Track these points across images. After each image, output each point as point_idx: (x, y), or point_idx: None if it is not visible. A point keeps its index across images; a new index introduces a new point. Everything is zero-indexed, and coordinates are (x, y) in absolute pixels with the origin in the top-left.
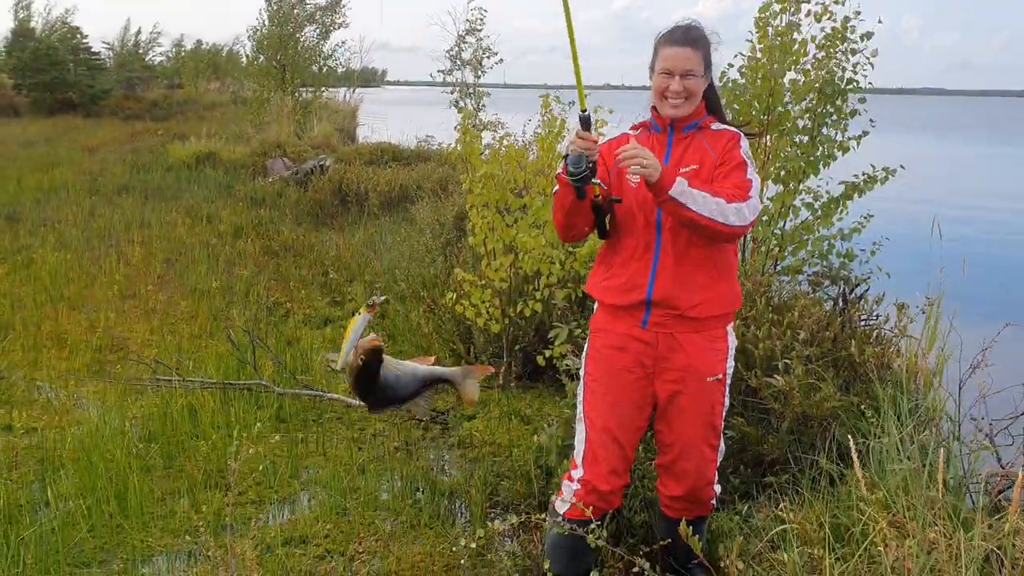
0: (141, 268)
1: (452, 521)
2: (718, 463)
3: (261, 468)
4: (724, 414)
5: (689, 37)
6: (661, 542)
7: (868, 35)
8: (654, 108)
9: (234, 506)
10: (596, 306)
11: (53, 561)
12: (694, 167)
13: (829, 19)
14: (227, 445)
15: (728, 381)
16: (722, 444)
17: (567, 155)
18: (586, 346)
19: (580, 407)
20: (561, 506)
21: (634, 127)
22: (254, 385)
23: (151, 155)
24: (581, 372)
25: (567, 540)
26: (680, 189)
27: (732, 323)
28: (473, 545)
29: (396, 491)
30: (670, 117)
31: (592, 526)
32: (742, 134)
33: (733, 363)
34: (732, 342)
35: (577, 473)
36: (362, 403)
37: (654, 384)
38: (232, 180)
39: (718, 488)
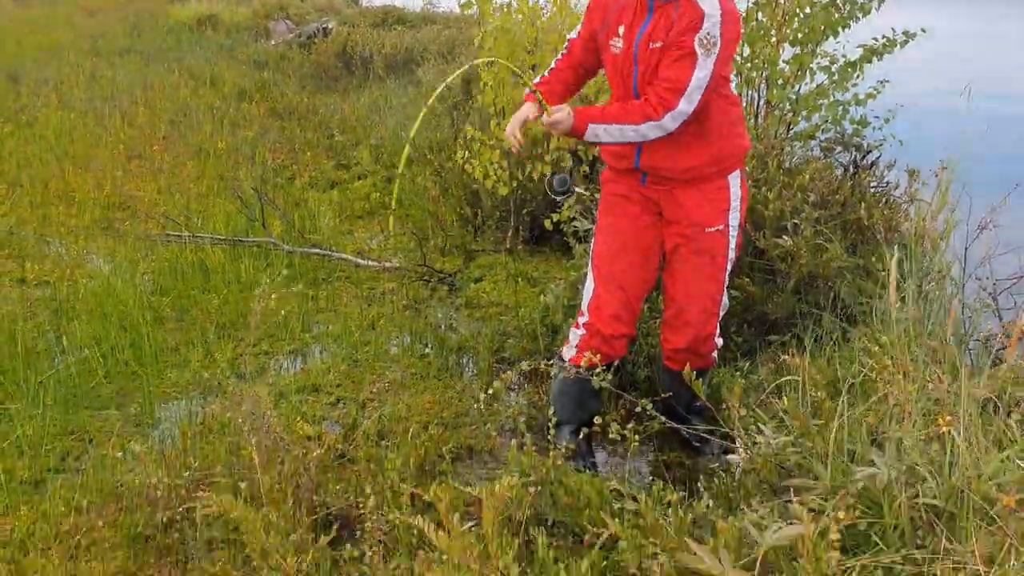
0: (146, 129)
1: (460, 374)
2: (720, 317)
3: (273, 321)
4: (730, 267)
5: None
6: (663, 395)
7: None
8: None
9: (247, 356)
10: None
11: (71, 403)
12: (659, 45)
13: None
14: (238, 299)
15: (733, 233)
16: (726, 299)
17: (553, 175)
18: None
19: (590, 258)
20: (567, 352)
21: None
22: (263, 242)
23: (151, 17)
24: (594, 222)
25: (572, 386)
26: (592, 132)
27: (737, 171)
28: (489, 391)
29: (405, 346)
30: None
31: (598, 370)
32: (710, 13)
33: (739, 214)
34: (736, 192)
35: (583, 319)
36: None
37: (662, 232)
38: (234, 43)
39: (719, 341)
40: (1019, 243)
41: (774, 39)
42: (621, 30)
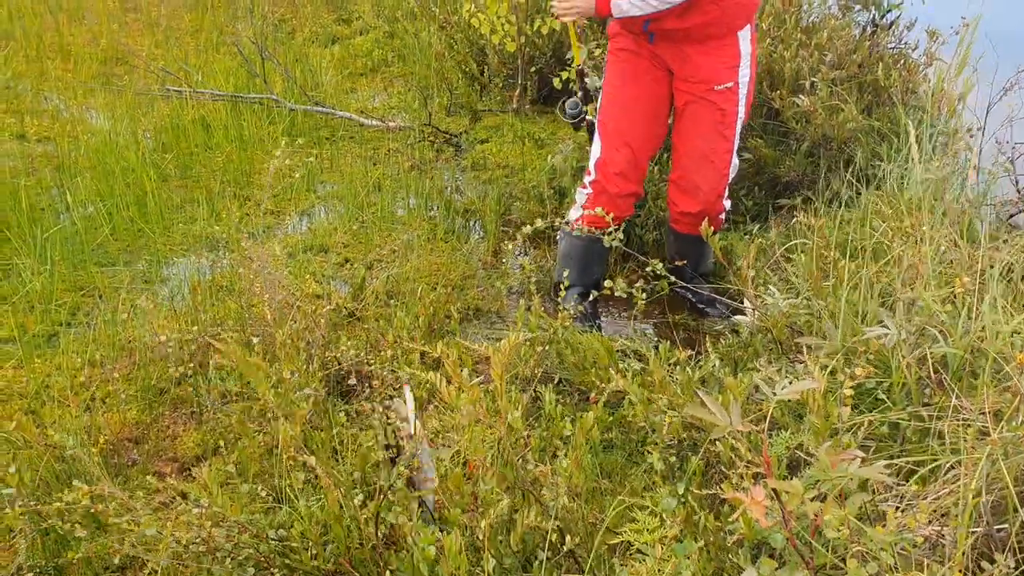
0: None
1: (467, 237)
2: (730, 179)
3: (283, 183)
4: (740, 126)
5: None
6: (670, 258)
7: None
8: None
9: (253, 216)
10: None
11: (79, 260)
12: None
13: None
14: (241, 157)
15: (743, 91)
16: (735, 159)
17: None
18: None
19: (596, 115)
20: (573, 213)
21: None
22: (265, 99)
23: None
24: (602, 76)
25: (578, 248)
26: (616, 5)
27: (747, 27)
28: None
29: (411, 208)
30: None
31: (610, 230)
32: None
33: (749, 71)
34: (746, 49)
35: (588, 178)
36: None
37: (671, 88)
38: None
39: (728, 204)
40: None
41: None
42: None
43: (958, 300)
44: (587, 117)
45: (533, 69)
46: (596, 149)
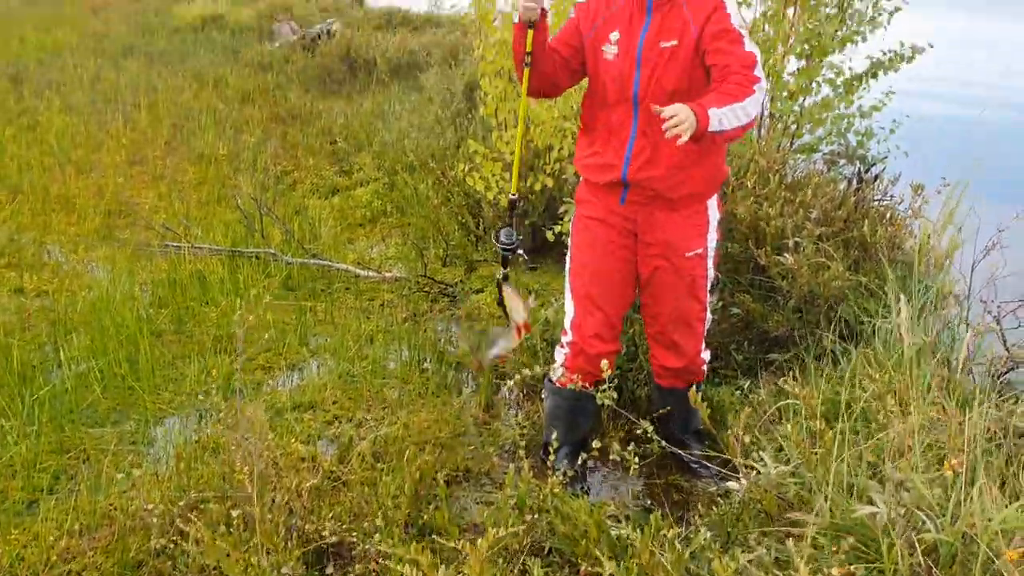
0: (148, 133)
1: (459, 391)
2: (705, 331)
3: (268, 336)
4: (708, 287)
5: None
6: (659, 411)
7: None
8: None
9: (243, 371)
10: (581, 178)
11: (67, 420)
12: (673, 43)
13: None
14: (236, 312)
15: (711, 254)
16: (708, 314)
17: (500, 228)
18: (572, 217)
19: (566, 278)
20: (554, 374)
21: None
22: (262, 253)
23: (157, 17)
24: (568, 240)
25: (564, 407)
26: (715, 119)
27: (715, 196)
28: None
29: (404, 361)
30: None
31: (603, 388)
32: (726, 1)
33: (716, 236)
34: (714, 216)
35: (566, 338)
36: None
37: (636, 257)
38: (238, 44)
39: (707, 355)
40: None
41: (781, 51)
42: (614, 36)
43: (947, 481)
44: (519, 251)
45: (527, 222)
46: (569, 309)
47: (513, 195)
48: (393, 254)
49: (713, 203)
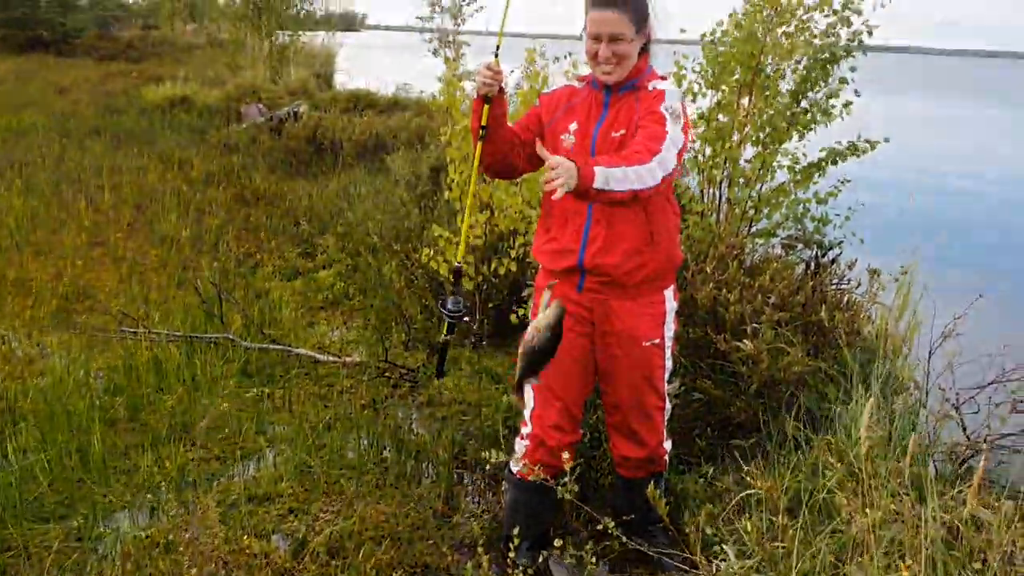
0: (110, 215)
1: (418, 481)
2: (665, 421)
3: (227, 430)
4: (666, 377)
5: None
6: (623, 507)
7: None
8: None
9: (198, 461)
10: (540, 266)
11: (11, 516)
12: (622, 132)
13: None
14: (192, 399)
15: (668, 344)
16: (668, 404)
17: (446, 297)
18: (530, 304)
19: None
20: (515, 466)
21: (580, 78)
22: (221, 338)
23: (124, 97)
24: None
25: (525, 498)
26: (601, 180)
27: (672, 286)
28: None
29: (362, 450)
30: (602, 83)
31: (566, 479)
32: (667, 91)
33: (673, 326)
34: (671, 306)
35: (526, 429)
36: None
37: (595, 343)
38: (206, 125)
39: (668, 444)
40: (981, 350)
41: (736, 139)
42: (572, 126)
43: None
44: (465, 318)
45: (491, 305)
46: (529, 400)
47: (458, 263)
48: (354, 338)
49: (670, 293)
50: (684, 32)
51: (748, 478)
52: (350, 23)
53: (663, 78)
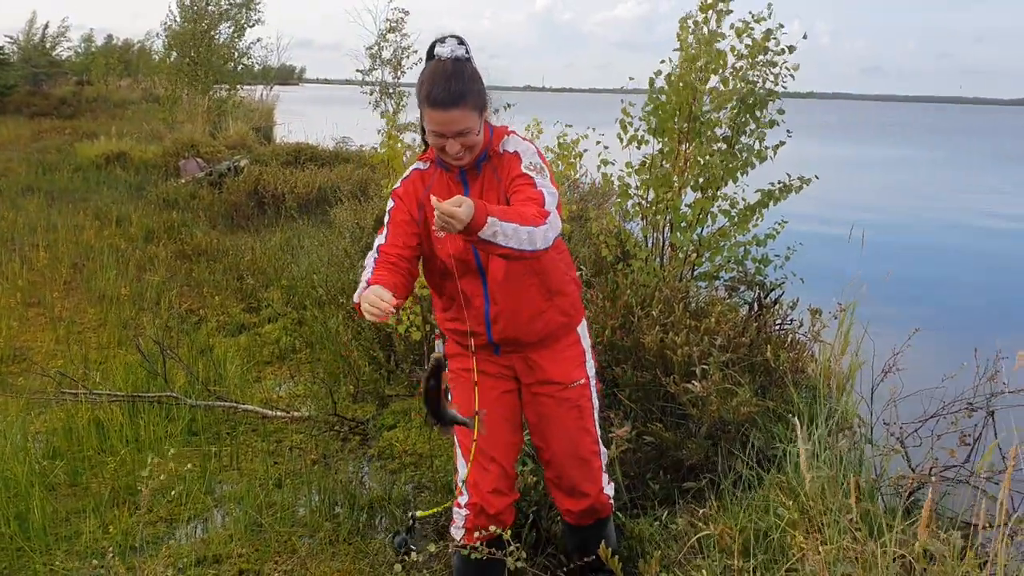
0: (46, 274)
1: (372, 535)
2: (604, 464)
3: (173, 491)
4: (597, 418)
5: (452, 96)
6: (573, 553)
7: (791, 48)
8: None
9: (144, 525)
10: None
11: None
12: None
13: (749, 36)
14: (136, 461)
15: (593, 384)
16: (603, 448)
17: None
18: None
19: (454, 435)
20: (456, 532)
21: (422, 158)
22: (164, 397)
23: (58, 154)
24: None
25: (472, 565)
26: (491, 227)
27: (582, 322)
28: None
29: (314, 506)
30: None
31: (510, 550)
32: (519, 151)
33: (594, 364)
34: (587, 343)
35: (463, 499)
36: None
37: (522, 401)
38: (143, 181)
39: (611, 489)
40: (920, 383)
41: (676, 185)
42: None
43: None
44: (411, 550)
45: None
46: (462, 469)
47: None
48: (302, 392)
49: (582, 329)
50: (633, 80)
51: (700, 522)
52: (288, 76)
53: (506, 132)
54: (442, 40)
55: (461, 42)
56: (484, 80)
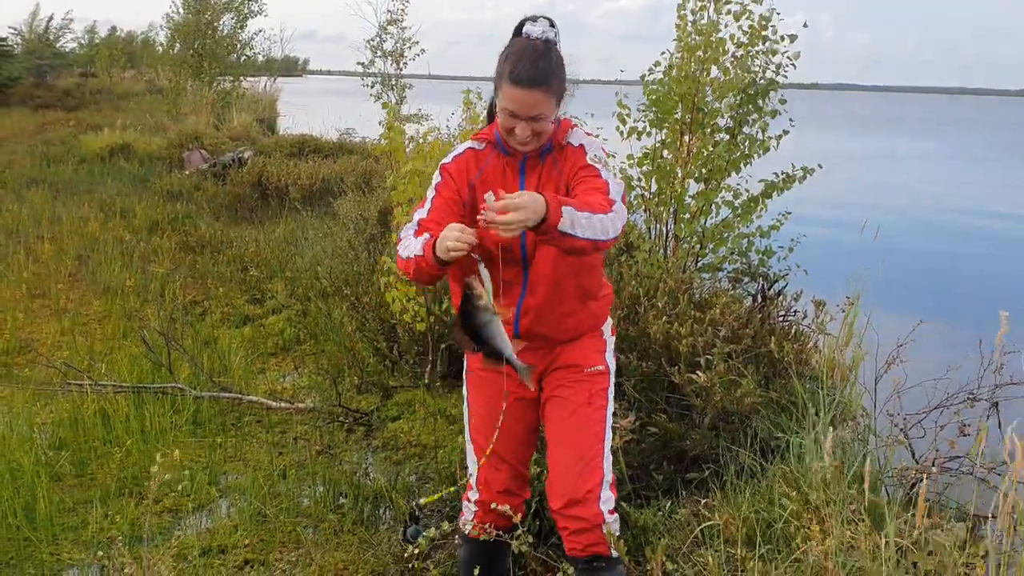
0: (51, 266)
1: (376, 526)
2: (606, 476)
3: (176, 475)
4: (610, 420)
5: (538, 76)
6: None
7: (792, 37)
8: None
9: (150, 515)
10: None
11: None
12: None
13: (747, 18)
14: (141, 451)
15: (611, 378)
16: (608, 460)
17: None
18: (465, 368)
19: (467, 432)
20: (464, 526)
21: (476, 136)
22: (170, 388)
23: (63, 147)
24: (464, 392)
25: (478, 556)
26: (568, 219)
27: (608, 319)
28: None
29: (318, 497)
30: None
31: (517, 533)
32: (584, 143)
33: (614, 359)
34: (610, 339)
35: (473, 495)
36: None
37: (536, 402)
38: (147, 173)
39: (615, 524)
40: (925, 374)
41: (680, 176)
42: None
43: None
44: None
45: (443, 345)
46: (473, 464)
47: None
48: (307, 383)
49: (607, 327)
50: (623, 72)
51: (705, 511)
52: (292, 68)
53: (571, 125)
54: (533, 19)
55: (552, 24)
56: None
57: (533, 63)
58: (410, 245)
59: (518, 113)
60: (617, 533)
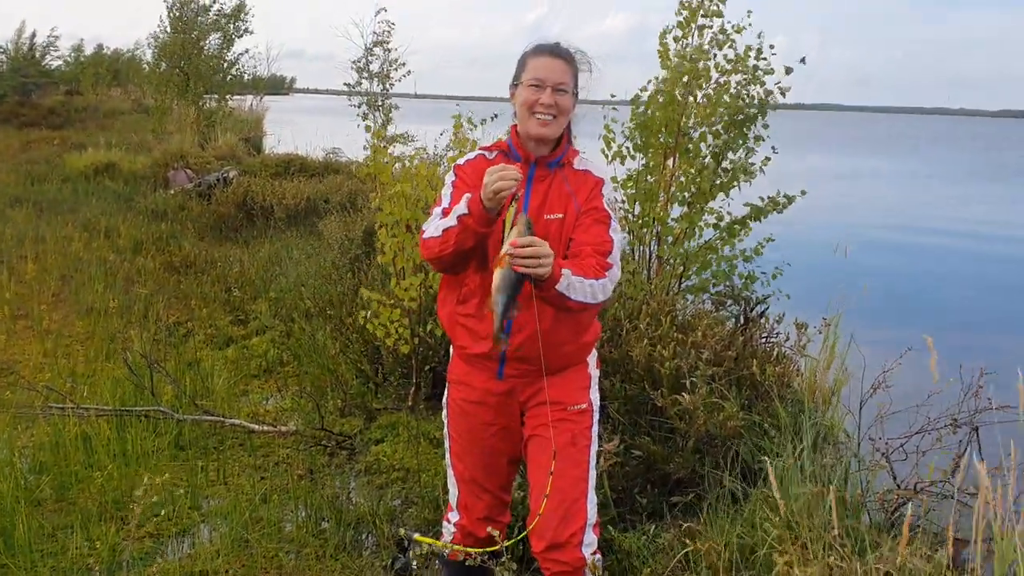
0: (34, 286)
1: (359, 551)
2: (589, 515)
3: (158, 500)
4: (593, 458)
5: (562, 50)
6: None
7: (788, 70)
8: (514, 132)
9: (130, 540)
10: (452, 350)
11: None
12: (559, 216)
13: (731, 47)
14: (123, 475)
15: (596, 416)
16: (592, 501)
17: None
18: (446, 394)
19: (447, 457)
20: (444, 549)
21: (488, 148)
22: (152, 411)
23: (47, 165)
24: (444, 417)
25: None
26: (565, 281)
27: (594, 352)
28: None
29: (300, 521)
30: (536, 137)
31: (502, 560)
32: (605, 179)
33: (598, 393)
34: (594, 371)
35: (453, 517)
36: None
37: (518, 433)
38: (132, 192)
39: (595, 557)
40: (908, 396)
41: (663, 199)
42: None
43: None
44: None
45: (427, 367)
46: (453, 489)
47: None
48: (290, 405)
49: (592, 359)
50: (614, 96)
51: (687, 537)
52: (278, 86)
53: (580, 153)
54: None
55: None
56: (477, 92)
57: (555, 44)
58: (439, 223)
59: (544, 80)
60: (600, 565)
